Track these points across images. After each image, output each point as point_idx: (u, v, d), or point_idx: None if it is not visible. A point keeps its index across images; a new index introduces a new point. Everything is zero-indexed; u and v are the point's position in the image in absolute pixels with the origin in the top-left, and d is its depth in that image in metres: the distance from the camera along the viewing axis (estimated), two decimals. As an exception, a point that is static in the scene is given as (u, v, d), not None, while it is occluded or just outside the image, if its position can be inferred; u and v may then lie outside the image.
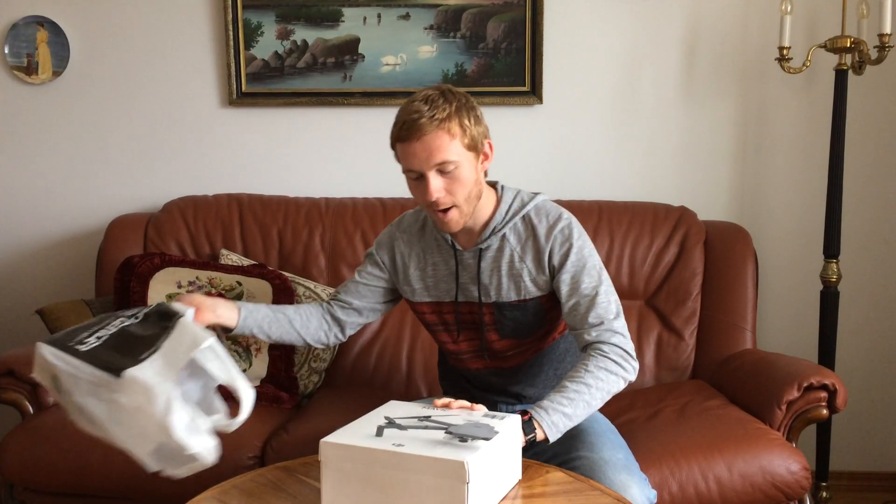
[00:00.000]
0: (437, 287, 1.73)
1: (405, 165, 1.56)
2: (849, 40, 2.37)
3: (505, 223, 1.66)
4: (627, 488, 1.47)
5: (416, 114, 1.50)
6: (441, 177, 1.54)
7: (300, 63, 2.75)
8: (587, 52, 2.71)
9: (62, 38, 2.74)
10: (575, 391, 1.51)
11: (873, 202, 2.71)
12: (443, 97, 1.53)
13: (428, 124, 1.50)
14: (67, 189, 2.84)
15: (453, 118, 1.52)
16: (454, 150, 1.52)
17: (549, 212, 1.67)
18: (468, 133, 1.54)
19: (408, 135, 1.51)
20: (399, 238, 1.78)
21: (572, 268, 1.62)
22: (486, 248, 1.66)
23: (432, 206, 1.57)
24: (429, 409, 1.47)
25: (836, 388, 1.99)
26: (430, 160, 1.52)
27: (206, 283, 2.35)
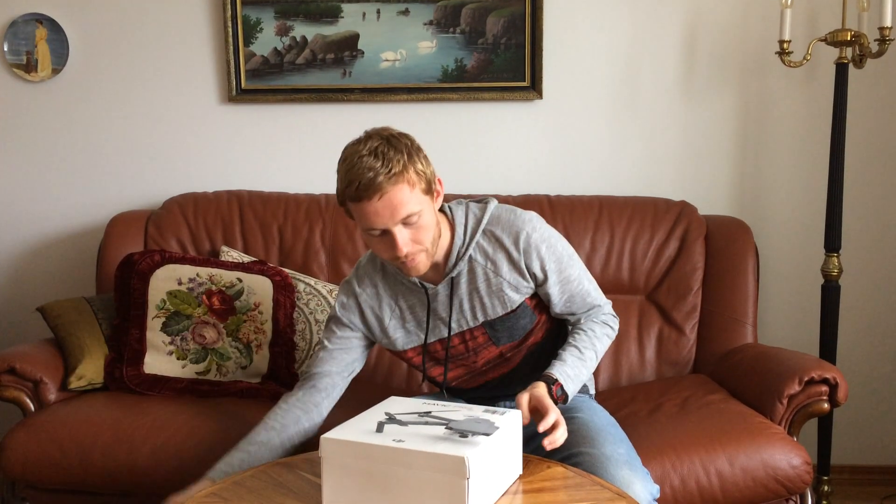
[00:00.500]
0: (420, 328, 1.70)
1: (366, 225, 1.49)
2: (849, 34, 2.36)
3: (467, 246, 1.63)
4: (630, 484, 1.47)
5: (371, 171, 1.43)
6: (406, 228, 1.49)
7: (299, 59, 2.74)
8: (587, 47, 2.71)
9: (61, 36, 2.74)
10: (592, 358, 1.65)
11: (874, 196, 2.71)
12: (390, 147, 1.46)
13: (386, 181, 1.43)
14: (67, 186, 2.84)
15: (408, 168, 1.46)
16: (415, 200, 1.47)
17: (507, 221, 1.65)
18: (423, 178, 1.49)
19: (366, 195, 1.44)
20: (362, 293, 1.72)
21: (556, 269, 1.66)
22: (456, 275, 1.64)
23: (397, 260, 1.53)
24: (429, 405, 1.47)
25: (838, 382, 1.99)
26: (395, 216, 1.46)
27: (206, 280, 2.35)
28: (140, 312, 2.30)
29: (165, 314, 2.31)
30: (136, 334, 2.29)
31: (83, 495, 2.08)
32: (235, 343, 2.33)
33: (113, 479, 2.01)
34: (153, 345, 2.29)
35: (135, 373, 2.27)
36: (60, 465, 2.02)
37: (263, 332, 2.34)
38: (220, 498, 1.36)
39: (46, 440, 2.03)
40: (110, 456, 2.00)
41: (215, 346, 2.31)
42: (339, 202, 1.54)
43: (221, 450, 1.97)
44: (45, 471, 2.03)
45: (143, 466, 1.99)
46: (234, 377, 2.30)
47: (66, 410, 2.14)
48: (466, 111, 2.75)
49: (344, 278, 1.81)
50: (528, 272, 1.65)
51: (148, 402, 2.20)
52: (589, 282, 1.72)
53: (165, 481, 1.98)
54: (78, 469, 2.01)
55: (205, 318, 2.32)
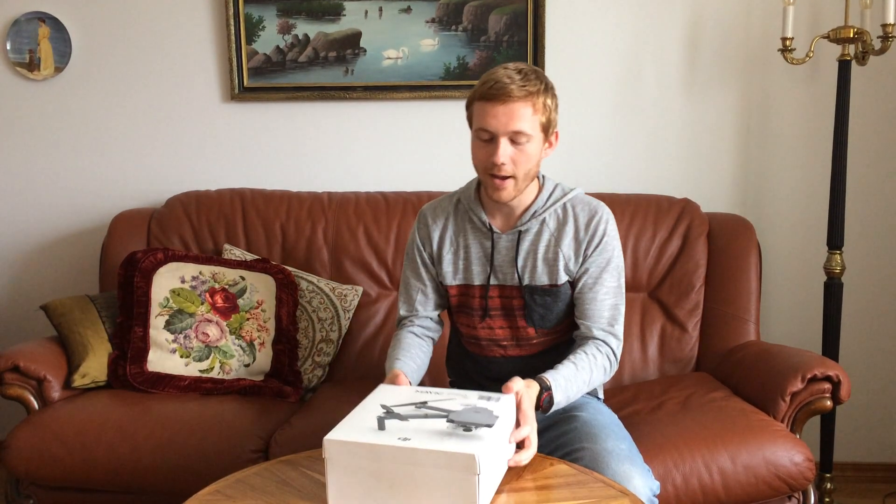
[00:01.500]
0: (469, 270, 1.75)
1: (480, 124, 1.58)
2: (852, 30, 2.35)
3: (545, 209, 1.70)
4: (630, 479, 1.48)
5: (508, 79, 1.54)
6: (511, 145, 1.57)
7: (302, 57, 2.74)
8: (589, 44, 2.70)
9: (64, 34, 2.74)
10: (585, 381, 1.63)
11: (877, 193, 2.70)
12: (535, 74, 1.58)
13: (518, 91, 1.54)
14: (70, 185, 2.84)
15: (541, 95, 1.57)
16: (532, 125, 1.57)
17: (588, 203, 1.73)
18: (547, 114, 1.60)
19: (495, 95, 1.54)
20: (432, 223, 1.79)
21: (602, 262, 1.70)
22: (525, 230, 1.70)
23: (493, 171, 1.59)
24: (423, 394, 1.47)
25: (840, 380, 1.99)
26: (509, 126, 1.55)
27: (209, 278, 2.36)
28: (143, 310, 2.31)
29: (168, 312, 2.31)
30: (140, 332, 2.30)
31: (87, 493, 2.09)
32: (238, 341, 2.33)
33: (116, 477, 2.02)
34: (156, 343, 2.30)
35: (138, 371, 2.27)
36: (64, 463, 2.03)
37: (266, 330, 2.35)
38: (225, 496, 1.37)
39: (50, 438, 2.04)
40: (114, 453, 2.01)
41: (218, 344, 2.32)
42: (466, 105, 1.64)
43: (227, 448, 1.99)
44: (49, 468, 2.04)
45: (146, 464, 2.00)
46: (238, 375, 2.31)
47: (69, 408, 2.14)
48: (469, 109, 2.75)
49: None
50: (584, 251, 1.69)
51: (151, 400, 2.20)
52: (616, 304, 1.71)
53: (169, 479, 1.99)
54: (82, 466, 2.02)
55: (208, 315, 2.33)
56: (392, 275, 2.55)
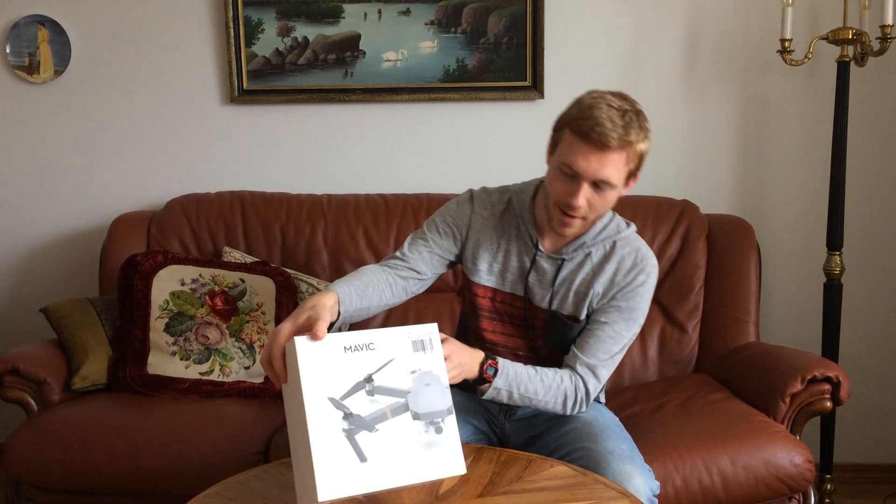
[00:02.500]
0: (503, 276, 1.70)
1: (567, 160, 1.51)
2: (851, 32, 2.36)
3: (595, 242, 1.65)
4: (631, 478, 1.47)
5: (611, 124, 1.47)
6: (592, 189, 1.52)
7: (301, 60, 2.75)
8: (588, 45, 2.71)
9: (63, 37, 2.75)
10: (536, 391, 1.58)
11: (876, 194, 2.71)
12: (637, 119, 1.51)
13: (616, 142, 1.47)
14: (70, 188, 2.84)
15: (637, 145, 1.52)
16: (619, 175, 1.52)
17: (638, 249, 1.66)
18: (636, 161, 1.54)
19: (592, 140, 1.48)
20: (478, 211, 1.71)
21: (625, 308, 1.64)
22: (568, 259, 1.66)
23: (566, 209, 1.54)
24: (353, 355, 1.29)
25: (840, 381, 1.99)
26: (598, 174, 1.49)
27: (209, 281, 2.36)
28: (143, 313, 2.31)
29: (168, 315, 2.31)
30: (140, 335, 2.30)
31: (87, 495, 2.09)
32: (238, 343, 2.33)
33: (117, 480, 2.02)
34: (156, 345, 2.30)
35: (138, 373, 2.27)
36: (64, 466, 2.03)
37: (266, 332, 2.35)
38: (225, 498, 1.37)
39: (50, 440, 2.04)
40: (114, 456, 2.01)
41: (218, 347, 2.32)
42: (556, 126, 1.58)
43: (227, 450, 1.99)
44: (49, 471, 2.04)
45: (146, 467, 2.00)
46: (238, 377, 2.31)
47: (69, 411, 2.14)
48: (468, 111, 2.75)
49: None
50: (612, 294, 1.63)
51: (151, 403, 2.20)
52: (615, 353, 1.65)
53: (169, 481, 1.99)
54: (82, 469, 2.02)
55: (208, 318, 2.33)
56: (392, 277, 2.55)
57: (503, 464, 1.47)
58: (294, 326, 1.31)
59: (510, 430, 1.76)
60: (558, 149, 1.55)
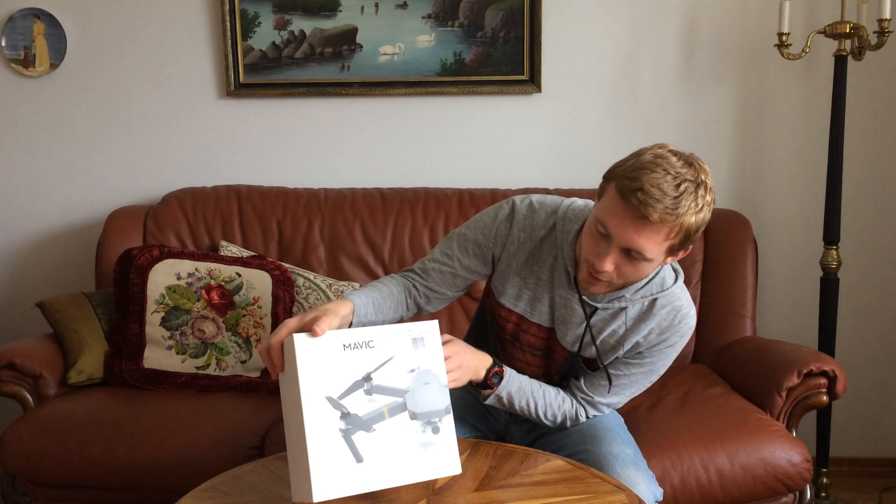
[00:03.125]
0: (531, 304, 1.59)
1: (602, 218, 1.38)
2: (848, 26, 2.36)
3: (633, 299, 1.53)
4: (635, 484, 1.46)
5: (659, 193, 1.31)
6: (622, 256, 1.39)
7: (298, 53, 2.74)
8: (586, 39, 2.70)
9: (59, 30, 2.73)
10: (537, 406, 1.58)
11: (873, 188, 2.71)
12: (696, 192, 1.33)
13: (657, 215, 1.31)
14: (66, 181, 2.84)
15: (684, 222, 1.33)
16: (657, 249, 1.37)
17: (679, 310, 1.54)
18: (680, 238, 1.36)
19: (633, 204, 1.32)
20: (512, 237, 1.58)
21: (647, 363, 1.58)
22: (602, 308, 1.54)
23: (590, 268, 1.43)
24: (352, 354, 1.28)
25: (836, 375, 1.99)
26: (630, 243, 1.36)
27: (205, 275, 2.35)
28: (139, 307, 2.30)
29: (164, 309, 2.31)
30: (136, 329, 2.30)
31: (84, 490, 2.08)
32: (235, 337, 2.33)
33: (113, 474, 2.01)
34: (152, 339, 2.30)
35: (134, 367, 2.27)
36: (61, 460, 2.02)
37: (263, 327, 2.34)
38: (221, 492, 1.36)
39: (46, 435, 2.04)
40: (110, 451, 2.00)
41: (215, 341, 2.32)
42: (606, 175, 1.41)
43: (223, 444, 1.99)
44: (45, 466, 2.04)
45: (143, 461, 1.99)
46: (234, 371, 2.31)
47: (65, 405, 2.14)
48: (465, 105, 2.75)
49: (507, 203, 1.61)
50: (639, 350, 1.57)
51: (148, 397, 2.20)
52: (621, 400, 1.64)
53: (165, 475, 1.99)
54: (78, 464, 2.02)
55: (204, 312, 2.32)
56: (389, 271, 2.55)
57: (500, 458, 1.47)
58: (300, 323, 1.30)
59: (514, 430, 1.75)
60: (600, 201, 1.41)
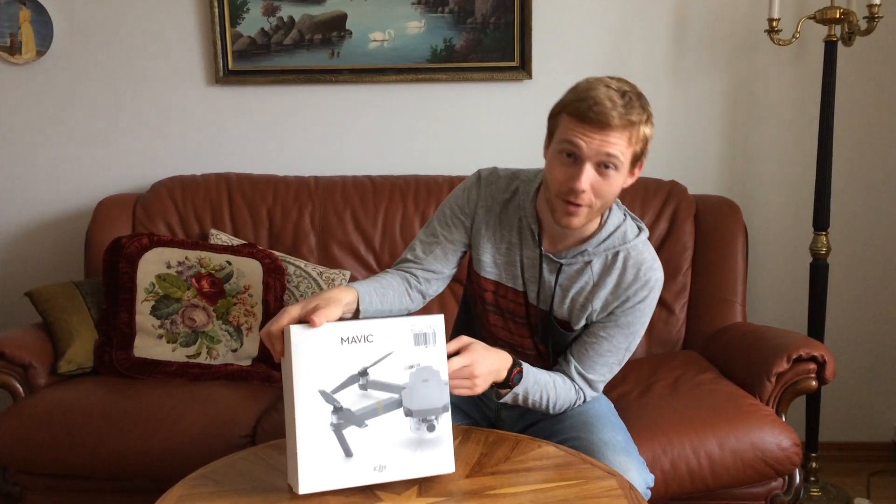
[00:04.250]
0: (506, 270, 1.63)
1: (569, 139, 1.43)
2: (838, 11, 2.35)
3: (596, 252, 1.56)
4: (626, 471, 1.46)
5: (610, 103, 1.39)
6: (596, 172, 1.43)
7: (287, 40, 2.72)
8: (576, 26, 2.69)
9: (45, 17, 2.71)
10: (549, 398, 1.57)
11: (863, 174, 2.71)
12: (639, 100, 1.45)
13: (617, 120, 1.39)
14: (54, 170, 2.82)
15: (642, 126, 1.44)
16: (625, 154, 1.43)
17: (643, 262, 1.57)
18: (640, 145, 1.46)
19: (592, 119, 1.39)
20: (483, 198, 1.63)
21: (624, 323, 1.59)
22: (566, 264, 1.58)
23: (569, 196, 1.45)
24: (349, 348, 1.27)
25: (825, 360, 2.00)
26: (601, 151, 1.41)
27: (195, 263, 2.34)
28: (129, 296, 2.29)
29: (154, 298, 2.30)
30: (126, 318, 2.29)
31: (74, 480, 2.08)
32: (225, 326, 2.32)
33: (104, 464, 2.01)
34: (143, 328, 2.29)
35: (124, 357, 2.26)
36: (51, 450, 2.02)
37: (253, 315, 2.34)
38: (212, 480, 1.36)
39: (36, 425, 2.03)
40: (101, 440, 2.00)
41: (205, 329, 2.31)
42: (552, 113, 1.49)
43: (214, 433, 1.99)
44: (35, 456, 2.03)
45: (134, 450, 1.99)
46: (225, 360, 2.30)
47: (56, 395, 2.13)
48: (455, 92, 2.74)
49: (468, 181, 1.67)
50: (611, 309, 1.58)
51: (138, 386, 2.19)
52: (612, 365, 1.63)
53: (156, 465, 1.99)
54: (69, 454, 2.01)
55: (194, 301, 2.32)
56: (380, 258, 2.55)
57: (491, 444, 1.48)
58: (302, 311, 1.30)
59: (505, 417, 1.75)
60: (556, 135, 1.47)
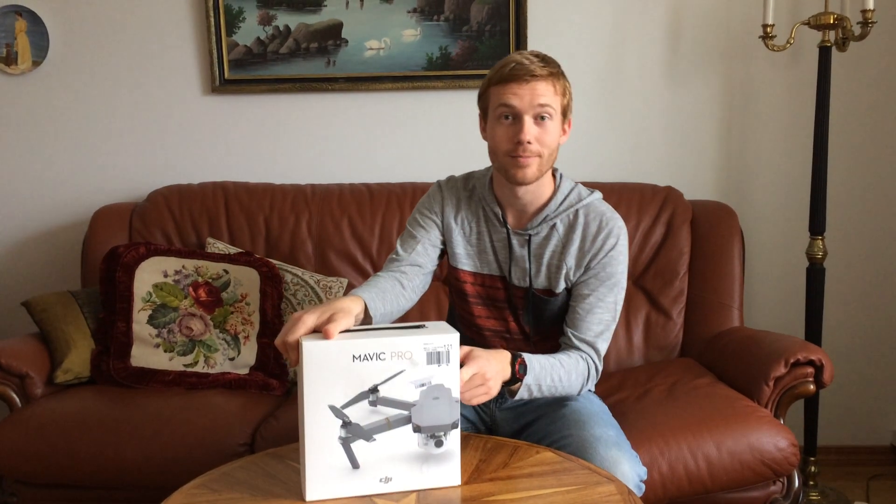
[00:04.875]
0: (480, 258, 1.72)
1: (503, 101, 1.56)
2: (832, 17, 2.36)
3: (557, 213, 1.66)
4: (618, 464, 1.48)
5: (528, 61, 1.55)
6: (535, 124, 1.56)
7: (283, 49, 2.72)
8: (571, 33, 2.70)
9: (41, 28, 2.71)
10: (561, 377, 1.58)
11: (858, 179, 2.72)
12: (551, 58, 1.60)
13: (539, 70, 1.54)
14: (50, 180, 2.82)
15: (560, 77, 1.59)
16: (555, 102, 1.57)
17: (602, 214, 1.67)
18: (565, 98, 1.60)
19: (517, 76, 1.54)
20: (448, 197, 1.75)
21: (604, 276, 1.65)
22: (534, 234, 1.67)
23: (517, 151, 1.56)
24: (364, 376, 1.27)
25: (823, 364, 2.00)
26: (534, 101, 1.54)
27: (192, 272, 2.34)
28: (126, 305, 2.29)
29: (152, 307, 2.30)
30: (123, 327, 2.28)
31: (72, 489, 2.07)
32: (223, 335, 2.32)
33: (101, 473, 2.00)
34: (140, 337, 2.28)
35: (122, 366, 2.26)
36: (48, 460, 2.01)
37: (251, 324, 2.34)
38: (210, 489, 1.36)
39: (33, 435, 2.03)
40: (98, 450, 1.99)
41: (202, 338, 2.31)
42: (479, 95, 1.64)
43: (212, 442, 1.98)
44: (32, 466, 2.03)
45: (131, 460, 1.99)
46: (222, 369, 2.30)
47: (52, 405, 2.13)
48: (451, 99, 2.74)
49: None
50: (586, 265, 1.65)
51: (135, 395, 2.19)
52: (607, 321, 1.66)
53: (154, 474, 1.98)
54: (66, 464, 2.01)
55: (191, 310, 2.31)
56: (377, 266, 2.55)
57: (489, 451, 1.48)
58: (317, 322, 1.31)
59: (501, 419, 1.76)
60: (489, 108, 1.61)
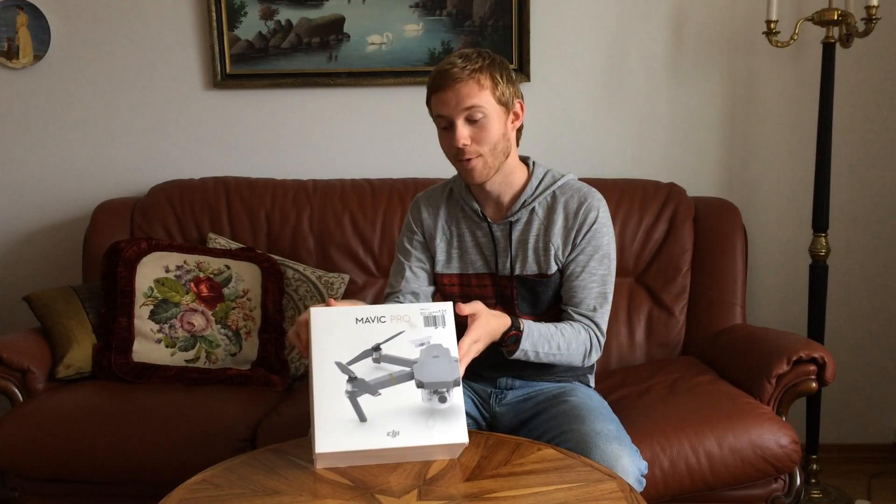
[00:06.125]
0: (464, 259, 1.75)
1: (436, 112, 1.61)
2: (836, 13, 2.36)
3: (535, 197, 1.69)
4: (619, 458, 1.48)
5: (450, 65, 1.57)
6: (469, 126, 1.59)
7: (285, 43, 2.72)
8: (574, 28, 2.69)
9: (42, 21, 2.70)
10: (559, 346, 1.62)
11: (862, 176, 2.71)
12: (478, 54, 1.60)
13: (460, 73, 1.56)
14: (51, 174, 2.81)
15: (485, 70, 1.58)
16: (483, 99, 1.58)
17: (579, 189, 1.71)
18: (499, 88, 1.59)
19: (441, 83, 1.57)
20: (424, 209, 1.80)
21: (591, 250, 1.68)
22: (515, 221, 1.70)
23: (458, 155, 1.61)
24: (364, 327, 1.38)
25: (825, 362, 2.00)
26: (460, 106, 1.57)
27: (194, 268, 2.34)
28: (127, 300, 2.29)
29: (153, 302, 2.30)
30: (124, 322, 2.28)
31: (73, 484, 2.08)
32: (224, 330, 2.32)
33: (102, 468, 2.01)
34: (141, 333, 2.28)
35: (123, 361, 2.26)
36: (49, 455, 2.01)
37: (252, 319, 2.34)
38: (212, 484, 1.36)
39: (35, 430, 2.03)
40: (100, 445, 2.00)
41: (204, 334, 2.31)
42: (426, 102, 1.66)
43: (213, 437, 1.98)
44: (34, 461, 2.03)
45: (132, 455, 1.99)
46: (224, 364, 2.30)
47: (54, 400, 2.13)
48: (454, 94, 2.73)
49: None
50: (573, 241, 1.68)
51: (137, 391, 2.19)
52: (603, 293, 1.69)
53: (155, 469, 1.98)
54: (67, 458, 2.01)
55: (193, 305, 2.31)
56: (379, 262, 2.54)
57: (490, 448, 1.47)
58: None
59: (500, 415, 1.77)
60: (433, 119, 1.65)
